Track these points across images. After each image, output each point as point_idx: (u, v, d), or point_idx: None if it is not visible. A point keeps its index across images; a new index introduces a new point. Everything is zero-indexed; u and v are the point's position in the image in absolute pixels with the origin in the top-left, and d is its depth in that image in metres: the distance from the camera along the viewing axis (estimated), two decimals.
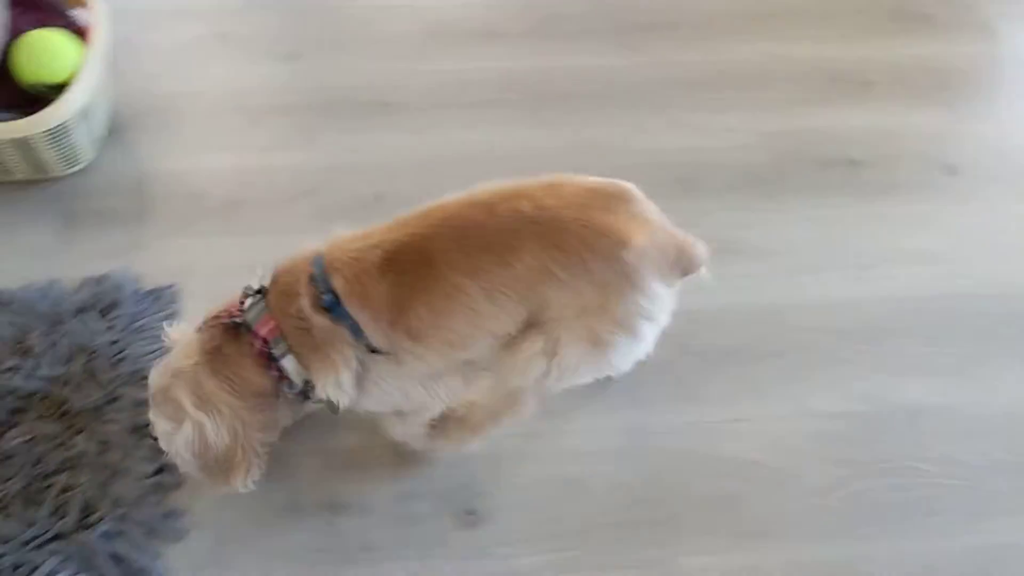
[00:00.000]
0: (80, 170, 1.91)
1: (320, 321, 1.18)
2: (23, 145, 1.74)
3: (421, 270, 1.17)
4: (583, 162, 1.32)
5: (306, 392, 1.25)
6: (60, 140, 1.77)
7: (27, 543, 1.37)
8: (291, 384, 1.24)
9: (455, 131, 2.06)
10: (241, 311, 1.24)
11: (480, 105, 2.12)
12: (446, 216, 1.20)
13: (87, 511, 1.40)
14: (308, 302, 1.18)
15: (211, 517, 1.45)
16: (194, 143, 2.02)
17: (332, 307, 1.18)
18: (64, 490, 1.43)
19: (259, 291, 1.24)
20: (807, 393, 1.62)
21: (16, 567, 1.34)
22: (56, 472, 1.44)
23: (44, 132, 1.72)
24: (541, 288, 1.19)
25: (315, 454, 1.51)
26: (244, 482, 1.30)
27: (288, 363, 1.22)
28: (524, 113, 2.11)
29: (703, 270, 1.30)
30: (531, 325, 1.24)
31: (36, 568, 1.34)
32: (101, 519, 1.39)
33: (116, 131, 2.01)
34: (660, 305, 1.26)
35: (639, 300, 1.21)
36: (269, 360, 1.22)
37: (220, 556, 1.41)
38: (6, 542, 1.36)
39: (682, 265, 1.26)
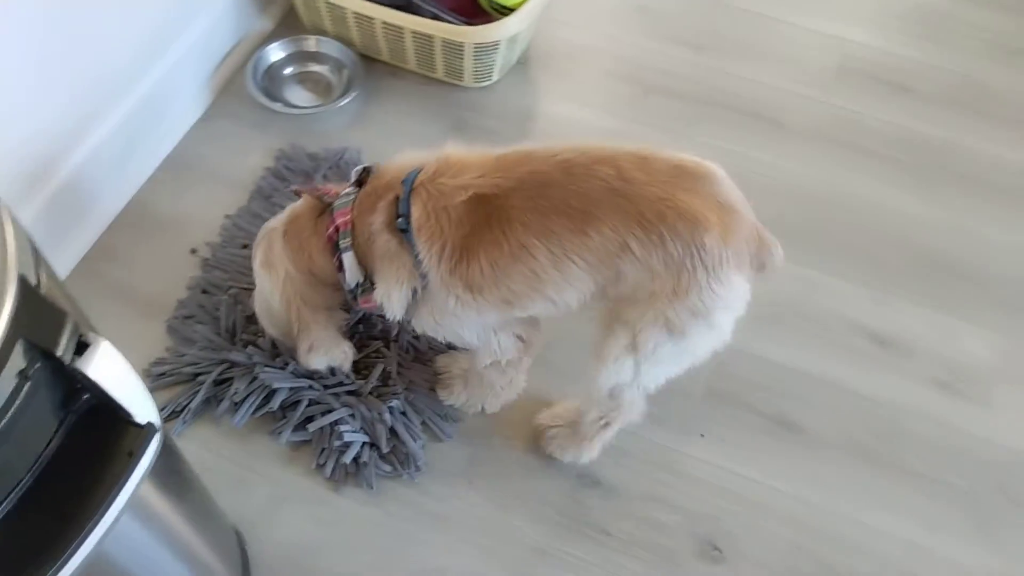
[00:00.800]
0: (483, 87, 2.06)
1: (389, 239, 1.20)
2: (455, 49, 1.90)
3: (494, 224, 1.15)
4: (954, 248, 1.19)
5: (355, 293, 1.28)
6: (485, 55, 1.92)
7: (329, 387, 1.52)
8: (345, 279, 1.28)
9: (834, 170, 1.96)
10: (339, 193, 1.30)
11: (868, 154, 2.01)
12: (531, 171, 1.15)
13: (384, 380, 1.53)
14: (383, 218, 1.21)
15: (479, 434, 1.53)
16: (582, 96, 2.09)
17: (404, 231, 1.19)
18: (374, 354, 1.56)
19: (359, 182, 1.28)
20: None
21: (314, 403, 1.50)
22: (375, 338, 1.59)
23: (480, 44, 1.87)
24: (614, 263, 1.14)
25: None
26: (310, 358, 1.40)
27: (348, 259, 1.26)
28: (910, 178, 1.97)
29: (778, 268, 1.20)
30: (595, 299, 1.22)
31: (330, 411, 1.48)
32: (393, 394, 1.50)
33: (522, 62, 2.13)
34: (736, 294, 1.17)
35: (715, 287, 1.13)
36: (334, 248, 1.27)
37: (471, 471, 1.50)
38: (318, 378, 1.52)
39: (760, 259, 1.18)
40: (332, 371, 1.53)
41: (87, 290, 1.65)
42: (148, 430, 0.76)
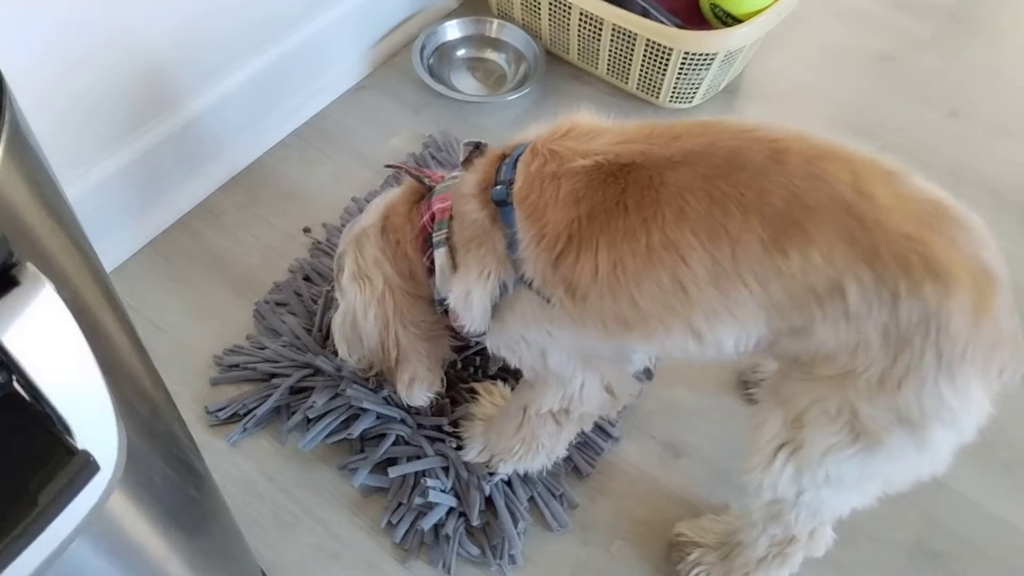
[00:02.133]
0: (679, 109, 1.72)
1: (478, 212, 0.89)
2: (658, 56, 1.58)
3: (631, 205, 0.80)
4: None
5: (445, 305, 0.97)
6: (693, 70, 1.59)
7: (425, 427, 1.20)
8: (435, 284, 0.97)
9: None
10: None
11: None
12: (710, 143, 0.80)
13: None
14: (476, 182, 0.90)
15: (599, 531, 1.17)
16: None
17: (499, 201, 0.87)
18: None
19: (468, 160, 0.97)
20: None
21: (402, 442, 1.18)
22: (494, 377, 1.26)
23: (691, 54, 1.54)
24: (809, 307, 0.77)
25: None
26: (412, 393, 1.09)
27: (440, 256, 0.95)
28: None
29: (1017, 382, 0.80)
30: (756, 352, 0.85)
31: (418, 457, 1.16)
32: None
33: (730, 90, 1.78)
34: (969, 407, 0.77)
35: (943, 388, 0.75)
36: (426, 244, 0.97)
37: None
38: (414, 413, 1.20)
39: (1010, 364, 0.78)
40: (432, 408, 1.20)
41: (178, 251, 1.41)
42: (82, 464, 0.42)
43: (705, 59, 1.54)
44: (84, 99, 1.21)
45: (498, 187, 0.88)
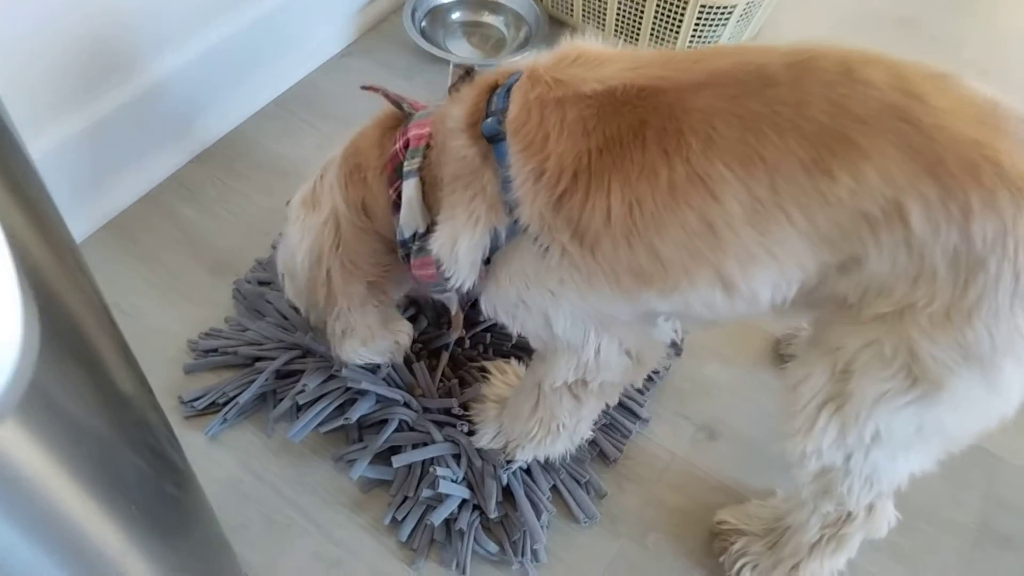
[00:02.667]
0: None
1: (466, 147, 0.76)
2: (674, 9, 1.45)
3: (648, 136, 0.68)
4: None
5: (409, 248, 0.85)
6: (710, 24, 1.46)
7: (432, 411, 1.06)
8: (398, 222, 0.84)
9: None
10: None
11: None
12: (735, 64, 0.68)
13: None
14: (463, 114, 0.77)
15: (631, 523, 1.03)
16: None
17: (491, 136, 0.74)
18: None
19: (455, 86, 0.84)
20: None
21: (407, 427, 1.04)
22: (507, 354, 1.12)
23: (709, 6, 1.42)
24: (860, 235, 0.65)
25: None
26: (344, 348, 0.96)
27: (408, 188, 0.82)
28: None
29: None
30: (796, 302, 0.73)
31: (425, 444, 1.02)
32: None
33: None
34: None
35: (1020, 316, 0.64)
36: (395, 174, 0.84)
37: None
38: (419, 395, 1.06)
39: None
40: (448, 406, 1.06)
41: (146, 228, 1.26)
42: None
43: (723, 13, 1.42)
44: (30, 51, 1.06)
45: (489, 120, 0.74)
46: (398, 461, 1.00)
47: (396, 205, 0.85)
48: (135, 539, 0.61)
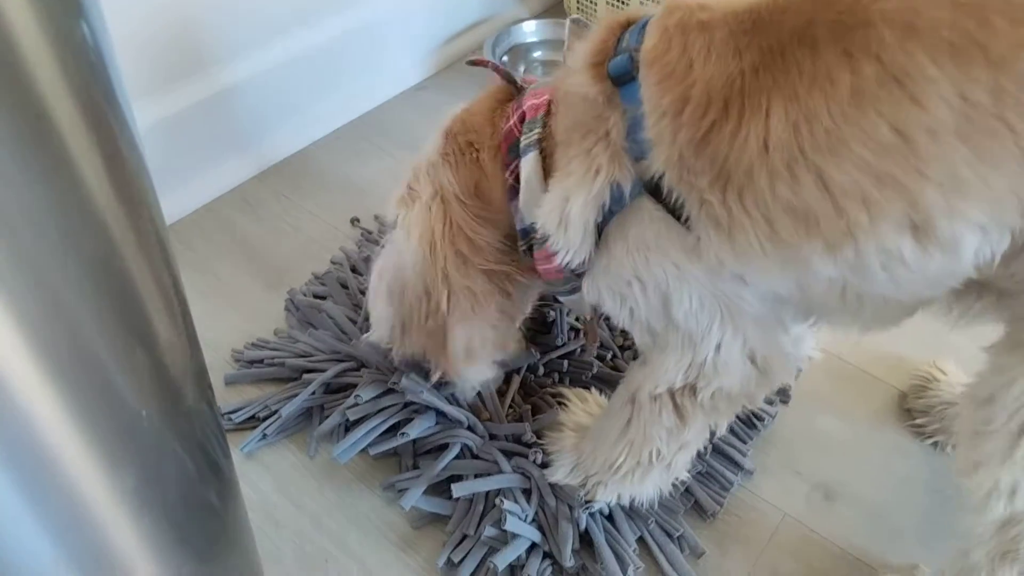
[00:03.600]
0: None
1: (586, 87, 0.63)
2: None
3: (826, 38, 0.53)
4: None
5: (530, 239, 0.71)
6: None
7: (498, 439, 0.90)
8: (517, 208, 0.71)
9: None
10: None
11: None
12: None
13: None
14: (588, 53, 0.64)
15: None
16: None
17: (619, 75, 0.61)
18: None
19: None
20: None
21: (470, 453, 0.89)
22: (585, 384, 0.97)
23: None
24: None
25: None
26: (468, 366, 0.80)
27: (528, 164, 0.69)
28: None
29: None
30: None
31: (490, 474, 0.86)
32: None
33: None
34: None
35: None
36: (510, 155, 0.71)
37: None
38: (486, 418, 0.92)
39: None
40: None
41: (202, 237, 1.17)
42: None
43: None
44: None
45: (619, 57, 0.62)
46: (458, 490, 0.85)
47: (515, 191, 0.72)
48: (164, 552, 0.49)
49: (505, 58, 1.51)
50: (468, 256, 0.75)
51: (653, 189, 0.62)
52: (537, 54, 1.56)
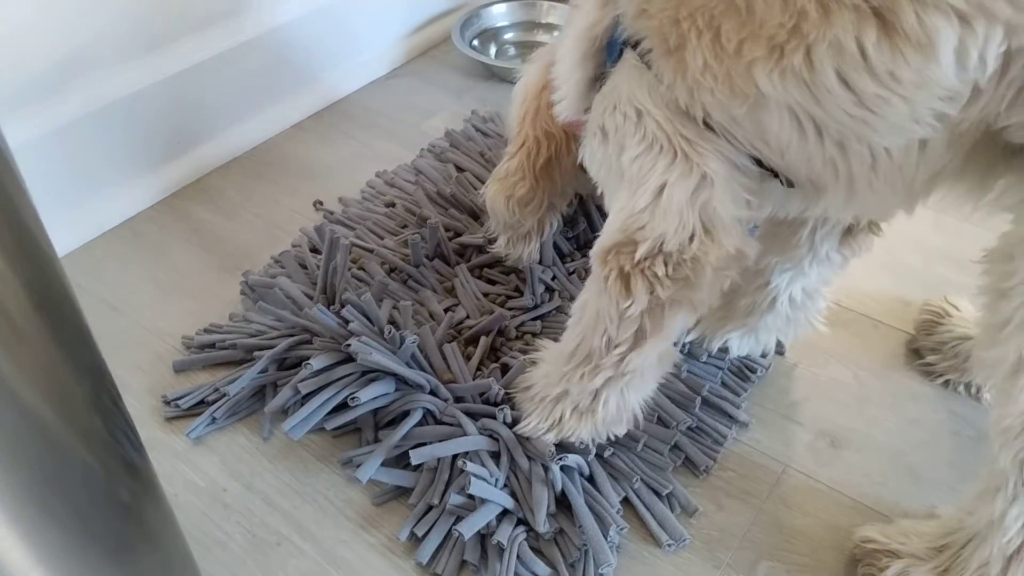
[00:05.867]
0: None
1: None
2: None
3: None
4: None
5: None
6: None
7: (463, 400, 0.83)
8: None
9: None
10: None
11: None
12: None
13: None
14: None
15: (738, 544, 0.76)
16: None
17: None
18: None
19: None
20: None
21: (432, 418, 0.81)
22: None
23: None
24: None
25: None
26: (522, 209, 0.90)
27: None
28: None
29: None
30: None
31: (455, 437, 0.78)
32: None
33: None
34: None
35: None
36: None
37: None
38: (447, 379, 0.84)
39: None
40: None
41: (155, 228, 1.12)
42: None
43: None
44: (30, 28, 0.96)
45: None
46: (417, 457, 0.77)
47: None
48: (75, 556, 0.45)
49: (475, 42, 1.47)
50: (541, 111, 0.86)
51: (630, 39, 0.58)
52: (508, 35, 1.51)
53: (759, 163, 0.60)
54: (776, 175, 0.61)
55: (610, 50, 0.62)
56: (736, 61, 0.52)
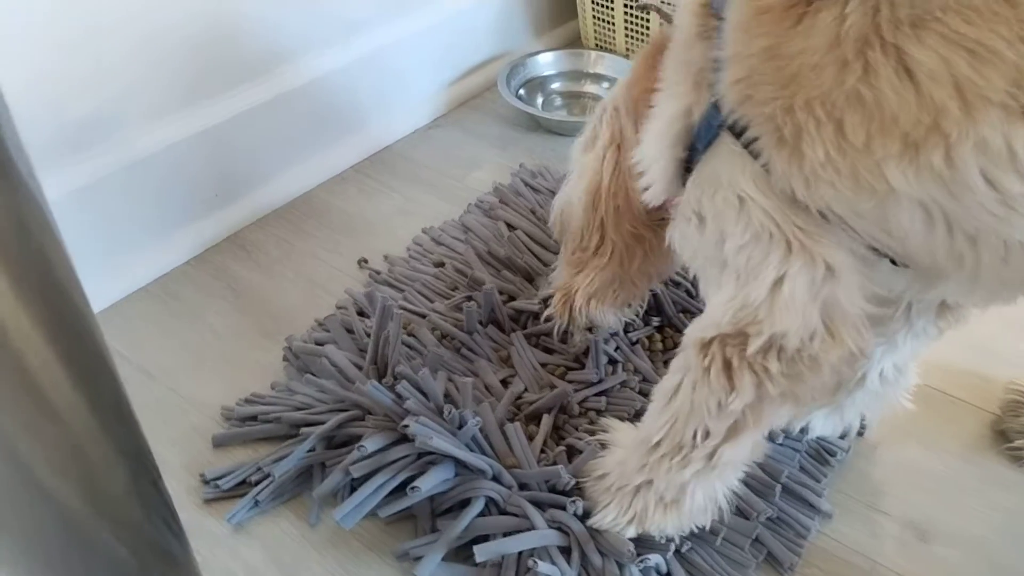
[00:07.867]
0: None
1: (687, 16, 0.57)
2: None
3: None
4: None
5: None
6: None
7: (529, 487, 0.77)
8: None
9: None
10: None
11: None
12: None
13: None
14: None
15: None
16: None
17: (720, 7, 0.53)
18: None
19: None
20: None
21: (495, 508, 0.75)
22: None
23: None
24: None
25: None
26: (595, 299, 0.84)
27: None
28: None
29: None
30: None
31: (521, 530, 0.72)
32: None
33: None
34: None
35: None
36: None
37: None
38: (510, 465, 0.78)
39: None
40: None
41: (191, 287, 1.07)
42: None
43: None
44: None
45: None
46: (482, 553, 0.71)
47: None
48: None
49: (522, 91, 1.43)
50: (623, 213, 0.79)
51: (732, 125, 0.53)
52: (555, 85, 1.47)
53: (875, 251, 0.55)
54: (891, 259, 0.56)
55: (702, 133, 0.57)
56: (865, 156, 0.47)
